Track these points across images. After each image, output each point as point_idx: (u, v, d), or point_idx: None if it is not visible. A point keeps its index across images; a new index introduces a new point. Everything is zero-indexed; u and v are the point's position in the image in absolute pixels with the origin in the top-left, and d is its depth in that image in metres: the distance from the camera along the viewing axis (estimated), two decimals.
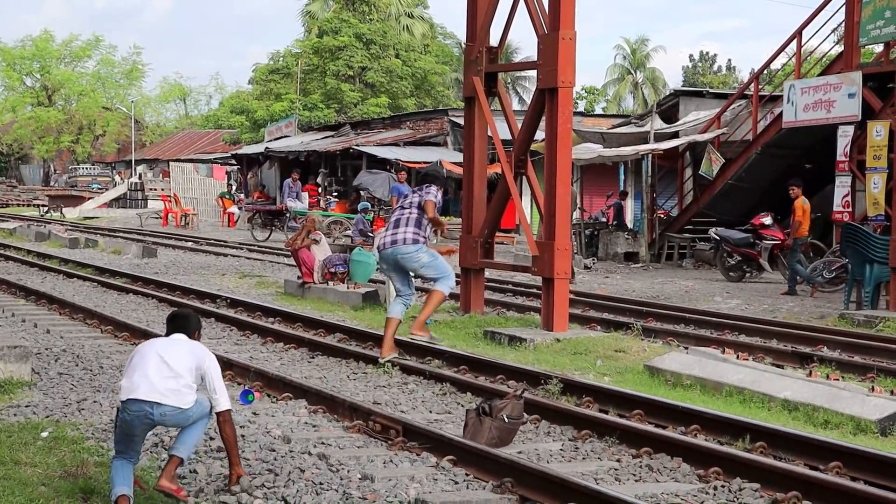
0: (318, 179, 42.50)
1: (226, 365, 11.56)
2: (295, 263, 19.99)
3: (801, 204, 21.32)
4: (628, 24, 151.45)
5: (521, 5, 15.26)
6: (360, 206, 30.65)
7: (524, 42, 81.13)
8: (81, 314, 15.93)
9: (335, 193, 40.52)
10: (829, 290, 20.85)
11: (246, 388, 10.54)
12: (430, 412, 9.93)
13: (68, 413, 9.50)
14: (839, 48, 25.79)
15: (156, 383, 6.90)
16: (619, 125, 34.64)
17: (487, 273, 18.50)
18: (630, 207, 31.91)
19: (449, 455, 8.09)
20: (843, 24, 24.02)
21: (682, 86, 78.55)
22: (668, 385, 11.05)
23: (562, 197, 14.43)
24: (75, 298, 17.84)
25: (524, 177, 15.82)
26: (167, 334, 7.32)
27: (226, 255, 28.75)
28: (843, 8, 23.59)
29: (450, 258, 17.86)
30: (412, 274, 12.57)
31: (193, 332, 7.34)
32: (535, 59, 14.84)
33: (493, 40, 16.16)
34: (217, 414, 7.16)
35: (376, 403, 9.96)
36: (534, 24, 14.73)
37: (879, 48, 25.00)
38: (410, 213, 12.33)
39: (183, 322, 7.37)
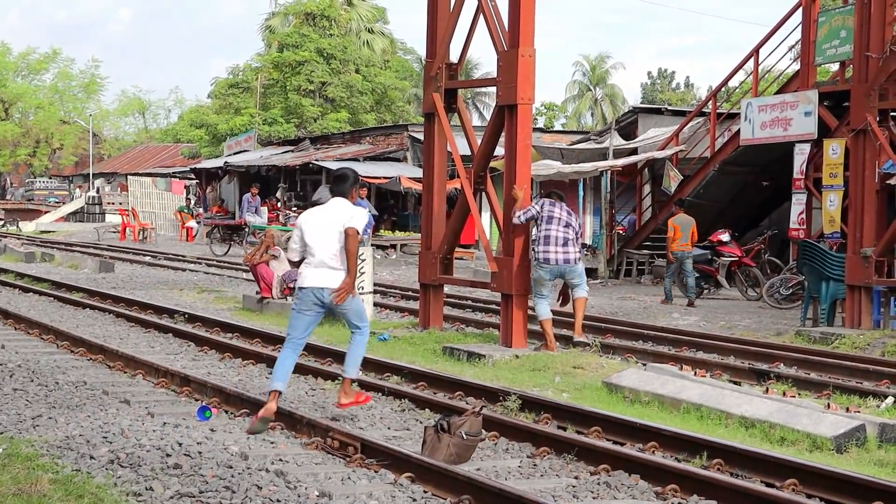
0: (278, 194, 42.42)
1: (182, 381, 11.50)
2: (254, 278, 19.90)
3: (672, 223, 22.27)
4: (588, 39, 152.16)
5: (482, 22, 15.30)
6: None
7: (484, 58, 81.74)
8: (37, 329, 15.79)
9: (295, 208, 40.40)
10: (785, 307, 21.01)
11: (203, 404, 10.47)
12: (389, 429, 9.90)
13: (23, 430, 9.40)
14: (796, 66, 25.99)
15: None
16: (579, 141, 34.80)
17: (447, 289, 18.49)
18: (588, 223, 32.02)
19: (407, 472, 8.07)
20: (799, 43, 24.25)
21: (641, 103, 79.03)
22: (626, 401, 11.08)
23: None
24: (31, 313, 17.68)
25: (483, 192, 15.86)
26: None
27: (184, 270, 28.63)
28: (800, 27, 23.82)
29: None
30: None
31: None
32: (495, 75, 14.88)
33: (454, 55, 16.20)
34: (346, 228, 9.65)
35: (334, 420, 9.92)
36: (493, 41, 14.77)
37: (836, 67, 25.25)
38: (571, 233, 14.53)
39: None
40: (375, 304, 18.40)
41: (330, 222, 9.92)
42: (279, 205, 41.13)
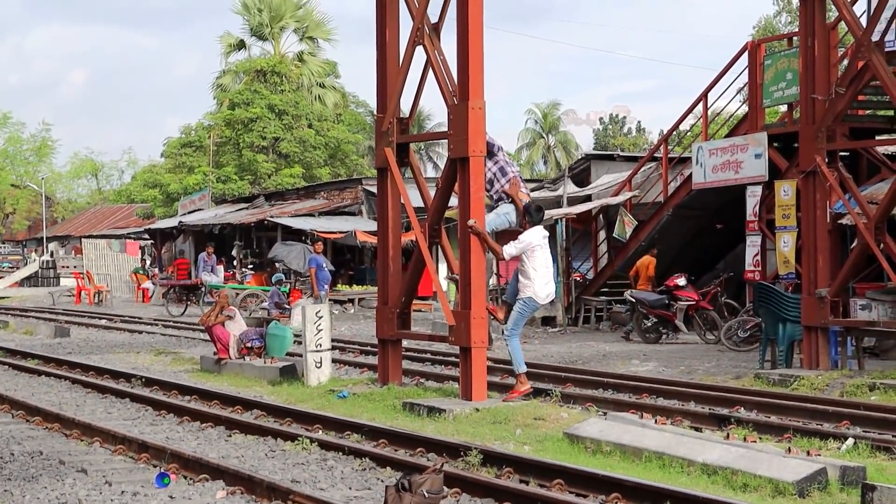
0: (234, 252, 42.24)
1: (140, 447, 11.36)
2: (211, 340, 19.76)
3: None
4: (539, 87, 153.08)
5: (431, 75, 15.34)
6: (274, 279, 30.46)
7: (437, 108, 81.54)
8: None
9: (250, 266, 40.25)
10: (744, 349, 21.08)
11: (162, 470, 10.34)
12: (350, 489, 9.81)
13: None
14: (745, 109, 26.24)
15: None
16: (533, 189, 34.90)
17: (407, 342, 18.40)
18: None
19: None
20: (747, 86, 24.48)
21: (594, 148, 79.50)
22: (588, 452, 11.04)
23: (476, 265, 14.41)
24: None
25: (439, 245, 15.85)
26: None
27: (141, 332, 28.44)
28: (747, 70, 24.06)
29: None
30: None
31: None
32: (447, 128, 14.89)
33: (405, 106, 16.21)
34: None
35: (295, 482, 9.82)
36: (443, 94, 14.80)
37: (784, 108, 25.50)
38: None
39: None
40: (334, 361, 18.30)
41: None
42: (235, 262, 40.97)
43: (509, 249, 14.08)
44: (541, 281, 14.13)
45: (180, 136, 64.41)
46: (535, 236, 14.12)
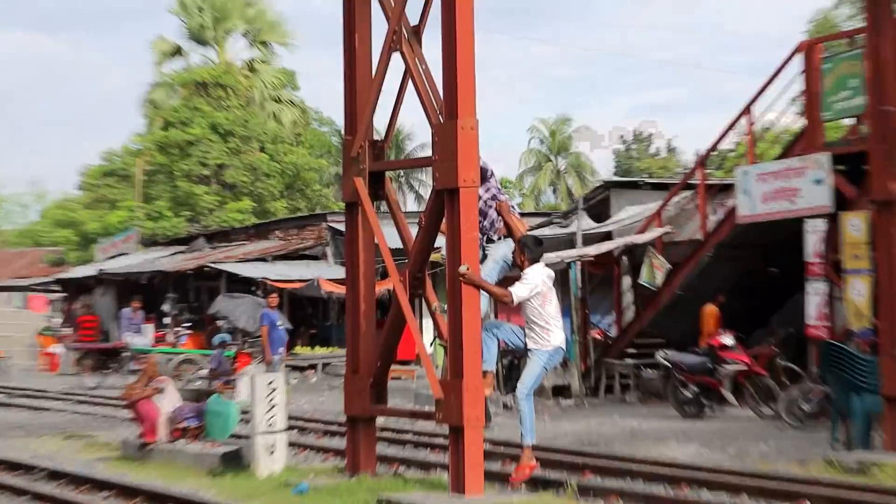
0: (165, 307, 42.05)
1: None
2: (135, 418, 19.52)
3: None
4: (545, 98, 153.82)
5: (412, 87, 15.18)
6: (216, 340, 30.21)
7: (419, 125, 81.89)
8: None
9: (187, 324, 40.07)
10: (809, 427, 20.85)
11: None
12: None
13: None
14: (801, 123, 26.14)
15: None
16: (539, 226, 34.78)
17: (381, 420, 18.14)
18: None
19: None
20: (803, 96, 24.37)
21: (615, 174, 79.90)
22: None
23: (470, 322, 14.17)
24: None
25: (422, 297, 15.62)
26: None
27: (46, 410, 28.32)
28: (802, 76, 23.95)
29: None
30: None
31: None
32: (430, 151, 14.70)
33: (380, 122, 16.10)
34: None
35: None
36: (426, 112, 14.65)
37: (850, 122, 25.40)
38: None
39: None
40: (291, 444, 18.11)
41: None
42: (168, 320, 40.76)
43: (520, 291, 14.03)
44: (558, 325, 14.28)
45: (101, 164, 64.50)
46: (541, 275, 14.19)
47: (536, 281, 14.06)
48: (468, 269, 13.90)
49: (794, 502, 13.85)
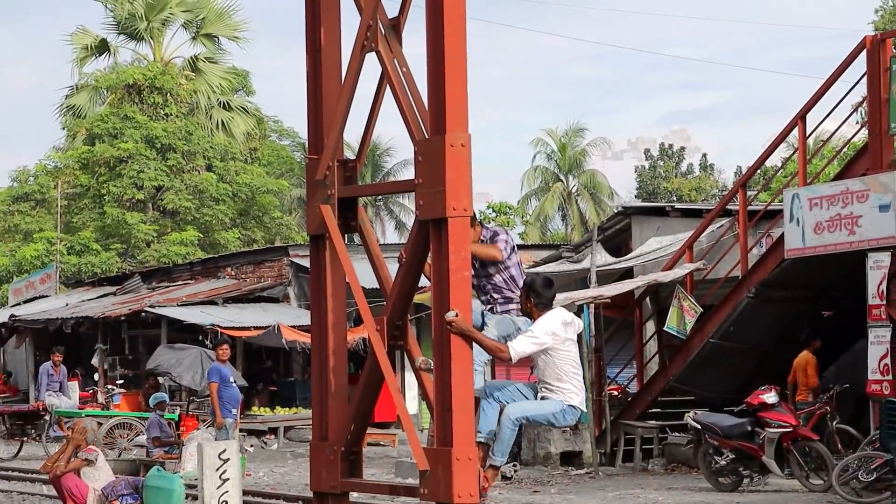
0: (94, 360, 42.07)
1: None
2: (59, 496, 19.66)
3: None
4: (553, 104, 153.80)
5: (389, 94, 15.30)
6: (153, 400, 30.24)
7: (399, 138, 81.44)
8: None
9: (120, 381, 40.06)
10: (868, 500, 20.98)
11: None
12: None
13: None
14: (863, 136, 26.34)
15: None
16: (546, 260, 34.96)
17: (355, 495, 18.28)
18: None
19: None
20: (866, 103, 24.50)
21: (637, 197, 79.66)
22: None
23: (461, 379, 14.34)
24: None
25: (403, 349, 15.77)
26: None
27: None
28: (865, 80, 24.11)
29: None
30: None
31: None
32: (413, 172, 14.85)
33: (351, 137, 16.20)
34: None
35: None
36: (407, 124, 14.67)
37: None
38: None
39: None
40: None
41: None
42: (96, 376, 40.77)
43: (521, 347, 13.83)
44: (577, 381, 13.91)
45: (11, 186, 64.34)
46: (556, 322, 13.93)
47: (545, 338, 13.82)
48: (458, 315, 13.97)
49: None
